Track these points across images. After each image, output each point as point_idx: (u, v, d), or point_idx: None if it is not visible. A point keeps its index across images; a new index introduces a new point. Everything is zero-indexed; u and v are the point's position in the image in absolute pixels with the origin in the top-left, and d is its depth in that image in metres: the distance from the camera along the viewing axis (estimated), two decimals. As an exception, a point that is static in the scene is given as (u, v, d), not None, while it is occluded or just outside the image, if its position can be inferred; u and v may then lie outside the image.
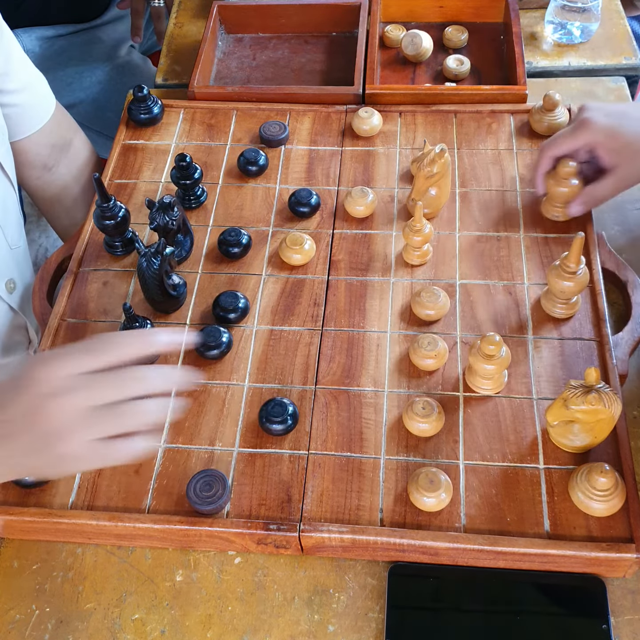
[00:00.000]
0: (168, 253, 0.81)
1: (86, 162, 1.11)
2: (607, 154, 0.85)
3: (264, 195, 0.97)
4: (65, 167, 1.09)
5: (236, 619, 0.70)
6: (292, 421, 0.76)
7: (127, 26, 1.52)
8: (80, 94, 1.42)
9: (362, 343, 0.82)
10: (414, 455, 0.74)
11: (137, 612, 0.70)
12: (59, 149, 1.07)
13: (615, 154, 0.84)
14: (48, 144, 1.05)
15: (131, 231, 0.91)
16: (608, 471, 0.68)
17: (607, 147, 0.84)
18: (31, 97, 1.01)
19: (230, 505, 0.72)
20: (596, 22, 1.13)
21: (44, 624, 0.70)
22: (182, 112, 1.07)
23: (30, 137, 1.02)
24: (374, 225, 0.93)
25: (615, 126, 0.84)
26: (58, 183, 1.09)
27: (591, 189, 0.87)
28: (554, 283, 0.81)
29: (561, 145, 0.87)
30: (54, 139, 1.06)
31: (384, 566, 0.71)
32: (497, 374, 0.76)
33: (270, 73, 1.16)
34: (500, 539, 0.68)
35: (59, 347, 0.76)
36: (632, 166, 0.85)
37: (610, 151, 0.84)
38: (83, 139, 1.12)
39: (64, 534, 0.73)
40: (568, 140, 0.86)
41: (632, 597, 0.69)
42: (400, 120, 1.03)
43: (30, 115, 1.02)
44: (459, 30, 1.14)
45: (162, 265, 0.81)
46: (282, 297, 0.87)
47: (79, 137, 1.11)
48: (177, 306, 0.86)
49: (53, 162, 1.07)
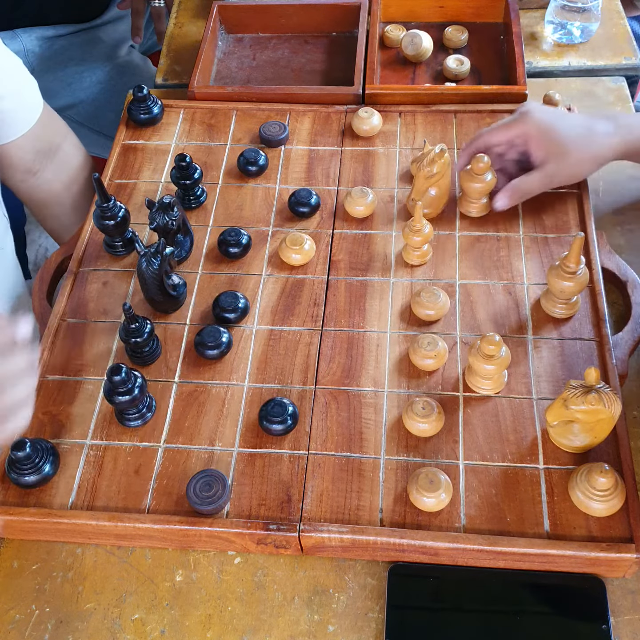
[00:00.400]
0: (168, 253, 0.81)
1: (77, 167, 1.10)
2: (537, 149, 0.87)
3: (264, 195, 0.97)
4: (52, 172, 1.07)
5: (236, 619, 0.70)
6: (292, 421, 0.76)
7: (127, 26, 1.52)
8: (80, 94, 1.42)
9: (362, 343, 0.82)
10: (414, 456, 0.74)
11: (137, 612, 0.70)
12: (44, 154, 1.05)
13: (545, 150, 0.86)
14: (32, 149, 1.04)
15: (131, 231, 0.91)
16: (608, 471, 0.68)
17: (538, 141, 0.86)
18: (16, 103, 0.99)
19: (230, 506, 0.72)
20: (596, 22, 1.13)
21: (44, 624, 0.70)
22: (182, 112, 1.07)
23: (14, 142, 1.01)
24: (374, 225, 0.93)
25: (550, 124, 0.87)
26: (44, 187, 1.08)
27: (517, 182, 0.88)
28: (553, 283, 0.81)
29: (497, 132, 0.89)
30: (40, 144, 1.04)
31: (384, 566, 0.71)
32: (497, 374, 0.76)
33: (270, 73, 1.16)
34: (500, 539, 0.68)
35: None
36: (559, 165, 0.86)
37: (541, 146, 0.86)
38: (74, 143, 1.11)
39: (64, 534, 0.73)
40: (504, 128, 0.88)
41: (632, 597, 0.69)
42: (400, 120, 1.03)
43: (15, 120, 1.00)
44: (459, 30, 1.14)
45: (162, 265, 0.81)
46: (282, 297, 0.87)
47: (68, 142, 1.09)
48: (177, 306, 0.86)
49: (38, 167, 1.05)
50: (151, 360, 0.82)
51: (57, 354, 0.84)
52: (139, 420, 0.77)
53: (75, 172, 1.10)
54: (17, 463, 0.73)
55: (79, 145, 1.12)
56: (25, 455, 0.72)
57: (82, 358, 0.83)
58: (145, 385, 0.76)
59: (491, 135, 0.89)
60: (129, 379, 0.74)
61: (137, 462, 0.76)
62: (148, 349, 0.81)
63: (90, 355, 0.84)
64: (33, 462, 0.73)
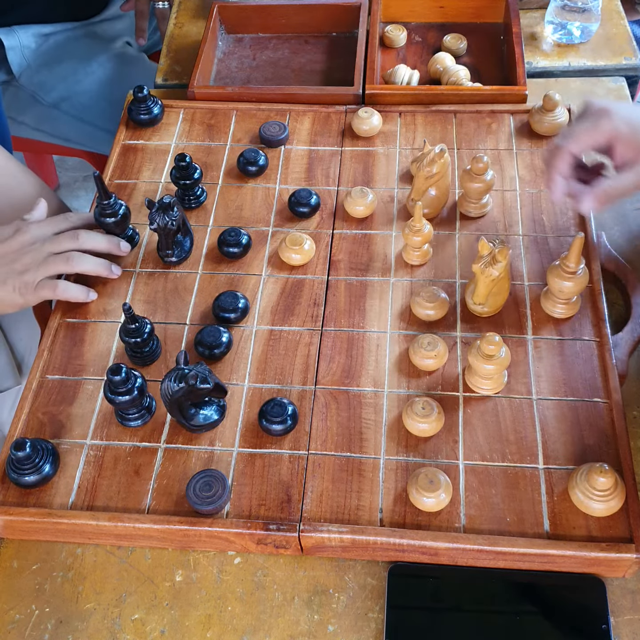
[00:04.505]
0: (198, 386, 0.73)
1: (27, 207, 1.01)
2: (627, 148, 0.76)
3: (263, 196, 0.97)
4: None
5: (236, 619, 0.70)
6: (292, 421, 0.76)
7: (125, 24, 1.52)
8: (75, 86, 1.42)
9: (362, 343, 0.82)
10: (414, 456, 0.74)
11: (136, 612, 0.70)
12: None
13: (635, 149, 0.76)
14: None
15: (132, 228, 0.92)
16: (608, 471, 0.68)
17: (628, 140, 0.76)
18: None
19: (230, 506, 0.72)
20: (596, 22, 1.13)
21: (44, 624, 0.70)
22: (182, 112, 1.07)
23: None
24: (374, 226, 0.93)
25: (633, 119, 0.76)
26: None
27: (608, 184, 0.77)
28: (553, 283, 0.81)
29: (581, 139, 0.77)
30: None
31: (384, 566, 0.71)
32: (496, 374, 0.76)
33: (270, 73, 1.16)
34: (500, 539, 0.68)
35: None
36: None
37: (631, 145, 0.76)
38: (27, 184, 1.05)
39: (64, 534, 0.73)
40: (589, 133, 0.76)
41: (632, 597, 0.69)
42: (400, 120, 1.03)
43: None
44: (458, 38, 1.14)
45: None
46: (282, 297, 0.87)
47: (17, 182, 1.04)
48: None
49: None
50: (151, 360, 0.82)
51: (57, 354, 0.84)
52: (139, 420, 0.77)
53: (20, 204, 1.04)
54: (17, 463, 0.73)
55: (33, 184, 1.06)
56: (25, 455, 0.72)
57: (82, 358, 0.83)
58: (145, 385, 0.76)
59: (577, 143, 0.77)
60: (129, 379, 0.74)
61: (137, 462, 0.76)
62: (148, 349, 0.81)
63: (90, 355, 0.84)
64: (33, 462, 0.73)
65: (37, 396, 0.81)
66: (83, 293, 0.86)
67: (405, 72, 1.07)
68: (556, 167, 0.78)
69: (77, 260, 0.85)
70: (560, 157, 0.77)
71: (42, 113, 1.45)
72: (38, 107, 1.44)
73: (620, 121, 0.75)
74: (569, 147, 0.77)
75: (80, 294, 0.86)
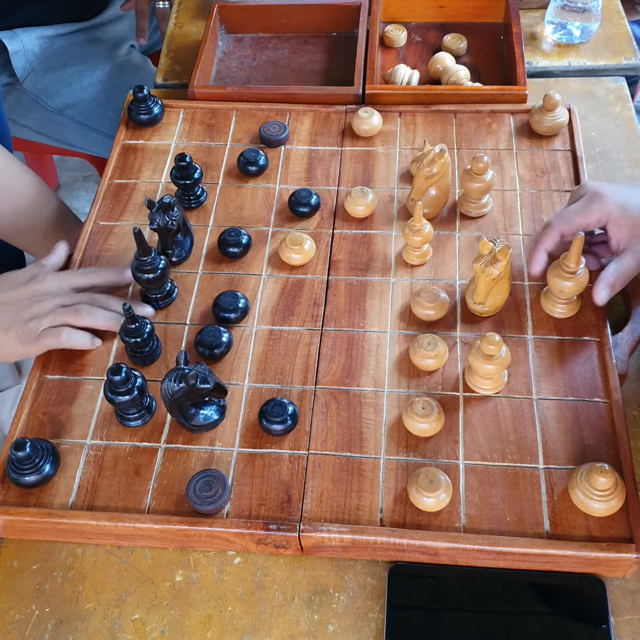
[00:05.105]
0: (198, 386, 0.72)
1: (27, 206, 1.05)
2: (620, 230, 0.79)
3: (263, 196, 0.97)
4: None
5: (236, 619, 0.70)
6: (292, 421, 0.76)
7: (127, 25, 1.52)
8: (81, 93, 1.42)
9: (362, 343, 0.82)
10: (414, 455, 0.74)
11: (137, 612, 0.70)
12: None
13: (630, 230, 0.79)
14: None
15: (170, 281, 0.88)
16: (608, 471, 0.68)
17: (620, 223, 0.79)
18: None
19: (230, 505, 0.72)
20: (596, 22, 1.13)
21: (44, 624, 0.70)
22: (182, 112, 1.07)
23: None
24: (374, 225, 0.93)
25: (625, 201, 0.80)
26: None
27: (614, 271, 0.79)
28: (553, 283, 0.81)
29: (573, 221, 0.81)
30: None
31: (384, 566, 0.71)
32: (497, 374, 0.76)
33: (270, 73, 1.16)
34: (500, 539, 0.68)
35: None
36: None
37: (624, 227, 0.79)
38: (27, 183, 1.06)
39: (64, 534, 0.73)
40: (581, 215, 0.80)
41: (632, 597, 0.69)
42: (400, 120, 1.03)
43: None
44: (458, 38, 1.14)
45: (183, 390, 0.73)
46: (282, 297, 0.87)
47: (17, 181, 1.05)
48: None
49: None
50: (151, 360, 0.82)
51: (57, 354, 0.84)
52: (139, 420, 0.77)
53: (28, 208, 1.06)
54: (17, 463, 0.73)
55: (33, 183, 1.07)
56: (25, 455, 0.72)
57: (82, 358, 0.83)
58: (145, 385, 0.76)
59: (568, 225, 0.81)
60: (129, 379, 0.74)
61: (137, 462, 0.76)
62: (148, 349, 0.81)
63: (90, 355, 0.84)
64: (33, 462, 0.73)
65: (37, 396, 0.81)
66: (87, 340, 0.82)
67: (405, 72, 1.07)
68: (543, 243, 0.82)
69: (87, 313, 0.82)
70: (549, 235, 0.82)
71: (45, 118, 1.44)
72: (42, 112, 1.44)
73: (613, 204, 0.79)
74: (559, 228, 0.81)
75: (84, 342, 0.82)
